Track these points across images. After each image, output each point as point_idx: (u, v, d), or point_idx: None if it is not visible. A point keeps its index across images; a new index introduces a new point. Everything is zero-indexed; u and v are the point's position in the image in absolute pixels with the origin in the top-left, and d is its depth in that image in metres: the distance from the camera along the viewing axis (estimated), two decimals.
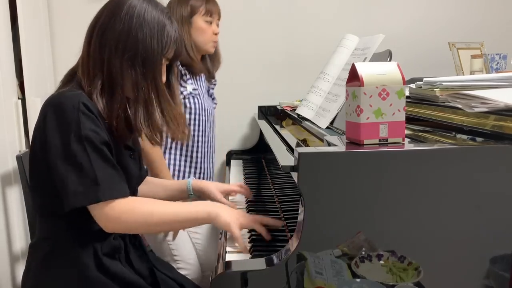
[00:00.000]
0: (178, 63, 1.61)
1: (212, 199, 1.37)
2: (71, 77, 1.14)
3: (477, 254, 0.92)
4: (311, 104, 1.50)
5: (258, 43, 2.33)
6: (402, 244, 0.91)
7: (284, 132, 1.60)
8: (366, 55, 1.35)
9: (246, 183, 1.80)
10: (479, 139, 0.97)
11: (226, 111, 2.34)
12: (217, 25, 1.78)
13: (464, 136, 1.02)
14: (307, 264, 0.90)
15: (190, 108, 1.72)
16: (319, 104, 1.47)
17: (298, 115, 1.55)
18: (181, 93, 1.69)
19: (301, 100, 1.62)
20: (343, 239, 0.90)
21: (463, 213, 0.91)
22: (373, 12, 2.32)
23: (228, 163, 2.30)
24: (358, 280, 0.89)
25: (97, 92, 1.06)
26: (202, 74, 1.82)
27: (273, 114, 2.18)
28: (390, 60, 1.29)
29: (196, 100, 1.74)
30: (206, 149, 1.82)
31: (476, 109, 0.93)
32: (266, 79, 2.34)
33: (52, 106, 1.04)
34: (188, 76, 1.72)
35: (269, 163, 2.00)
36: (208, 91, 1.90)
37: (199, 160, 1.78)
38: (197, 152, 1.77)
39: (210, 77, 1.88)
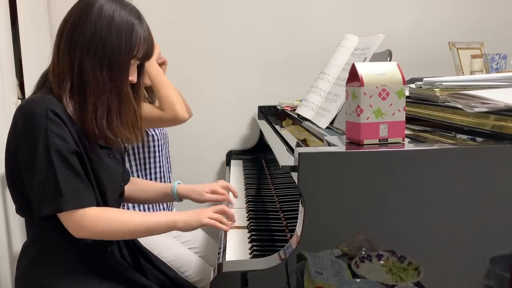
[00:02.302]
0: None
1: (197, 201, 1.39)
2: (43, 81, 1.14)
3: (477, 254, 0.92)
4: (311, 104, 1.50)
5: (258, 43, 2.32)
6: (402, 244, 0.91)
7: (284, 132, 1.60)
8: (366, 55, 1.35)
9: (246, 183, 1.80)
10: (479, 139, 0.97)
11: (226, 111, 2.34)
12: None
13: (464, 136, 1.02)
14: (307, 264, 0.90)
15: (153, 135, 1.74)
16: (319, 104, 1.47)
17: (298, 115, 1.55)
18: None
19: (301, 100, 1.62)
20: (343, 239, 0.90)
21: (463, 213, 0.91)
22: (373, 12, 2.32)
23: (228, 163, 2.30)
24: (358, 280, 0.89)
25: (67, 95, 1.06)
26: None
27: (273, 114, 2.18)
28: (390, 60, 1.29)
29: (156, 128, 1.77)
30: (161, 169, 1.84)
31: (476, 109, 0.93)
32: (266, 79, 2.34)
33: (22, 114, 1.05)
34: None
35: (269, 163, 2.00)
36: None
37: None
38: (155, 173, 1.78)
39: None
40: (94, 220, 1.05)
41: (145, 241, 1.53)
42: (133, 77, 1.13)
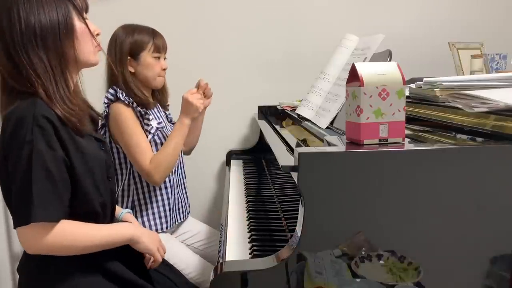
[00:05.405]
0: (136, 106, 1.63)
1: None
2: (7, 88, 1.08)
3: (477, 254, 0.92)
4: (311, 104, 1.50)
5: (258, 43, 2.32)
6: (402, 244, 0.91)
7: (284, 132, 1.60)
8: (366, 55, 1.35)
9: (246, 183, 1.80)
10: (479, 139, 0.97)
11: (226, 111, 2.34)
12: (164, 58, 1.77)
13: (464, 136, 1.02)
14: (307, 264, 0.90)
15: (162, 143, 1.70)
16: (319, 104, 1.47)
17: (298, 115, 1.55)
18: (149, 132, 1.67)
19: (301, 100, 1.62)
20: (343, 239, 0.90)
21: (463, 213, 0.91)
22: (373, 12, 2.32)
23: (228, 163, 2.30)
24: (358, 280, 0.89)
25: (39, 89, 1.02)
26: (157, 104, 1.83)
27: (273, 114, 2.18)
28: (390, 60, 1.29)
29: (164, 134, 1.74)
30: (177, 177, 1.82)
31: (476, 109, 0.93)
32: (266, 79, 2.34)
33: (9, 120, 1.01)
34: (148, 113, 1.69)
35: (269, 163, 2.00)
36: (166, 117, 1.90)
37: (169, 190, 1.75)
38: (169, 181, 1.76)
39: (162, 106, 1.88)
40: (57, 234, 1.02)
41: None
42: (92, 26, 1.12)
